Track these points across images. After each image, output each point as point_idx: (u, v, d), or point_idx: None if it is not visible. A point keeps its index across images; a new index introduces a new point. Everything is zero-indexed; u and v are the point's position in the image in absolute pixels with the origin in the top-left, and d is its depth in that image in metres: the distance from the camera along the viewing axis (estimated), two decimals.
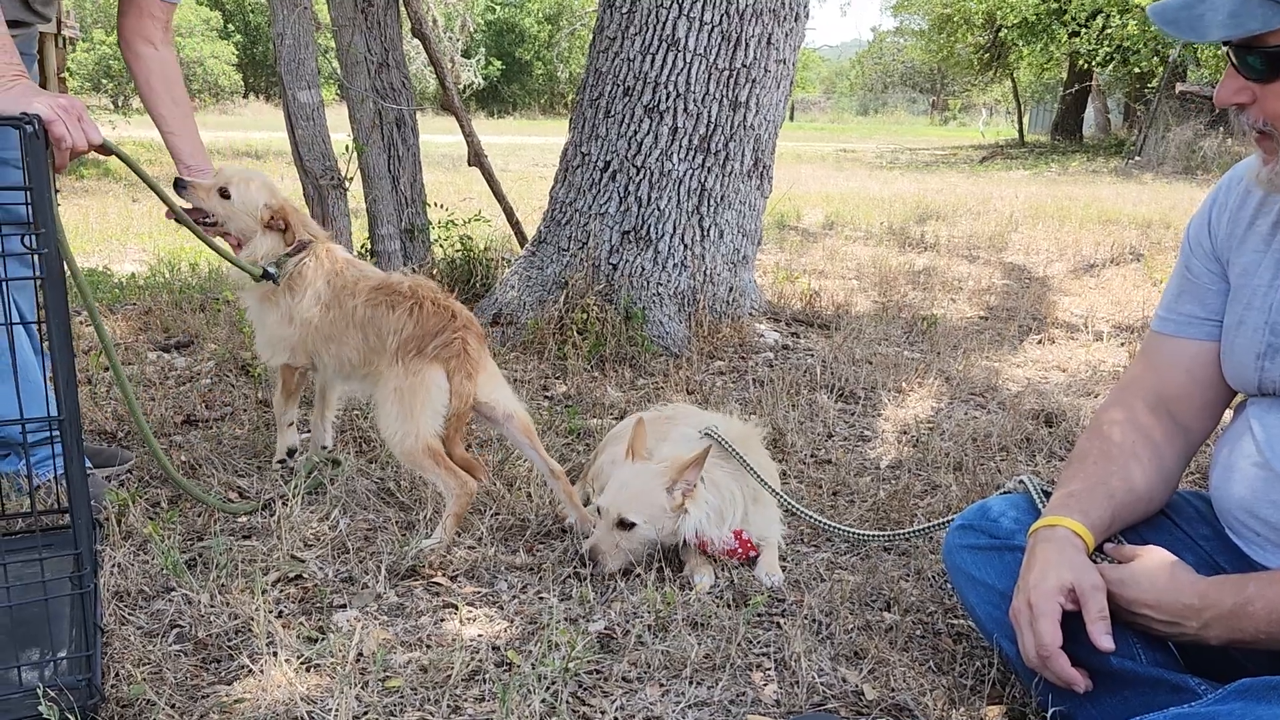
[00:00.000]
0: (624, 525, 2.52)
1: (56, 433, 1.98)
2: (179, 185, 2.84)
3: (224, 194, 2.91)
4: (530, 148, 21.78)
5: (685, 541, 2.57)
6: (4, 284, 1.94)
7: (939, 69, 37.64)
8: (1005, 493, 2.23)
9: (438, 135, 17.85)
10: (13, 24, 2.75)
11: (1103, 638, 1.73)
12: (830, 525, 2.68)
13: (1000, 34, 26.76)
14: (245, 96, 39.06)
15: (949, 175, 18.16)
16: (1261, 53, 1.60)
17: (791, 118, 56.17)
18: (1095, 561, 1.86)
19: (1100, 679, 1.79)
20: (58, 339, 1.77)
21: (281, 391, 3.19)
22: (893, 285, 6.50)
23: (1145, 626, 1.78)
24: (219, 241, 2.93)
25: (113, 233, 8.48)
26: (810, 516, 2.68)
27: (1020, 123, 30.45)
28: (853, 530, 2.68)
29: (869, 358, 4.61)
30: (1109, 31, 21.89)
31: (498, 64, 44.84)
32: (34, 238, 1.71)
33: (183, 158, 2.95)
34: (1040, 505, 2.06)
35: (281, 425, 3.25)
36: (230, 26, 41.45)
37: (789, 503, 2.69)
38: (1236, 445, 1.89)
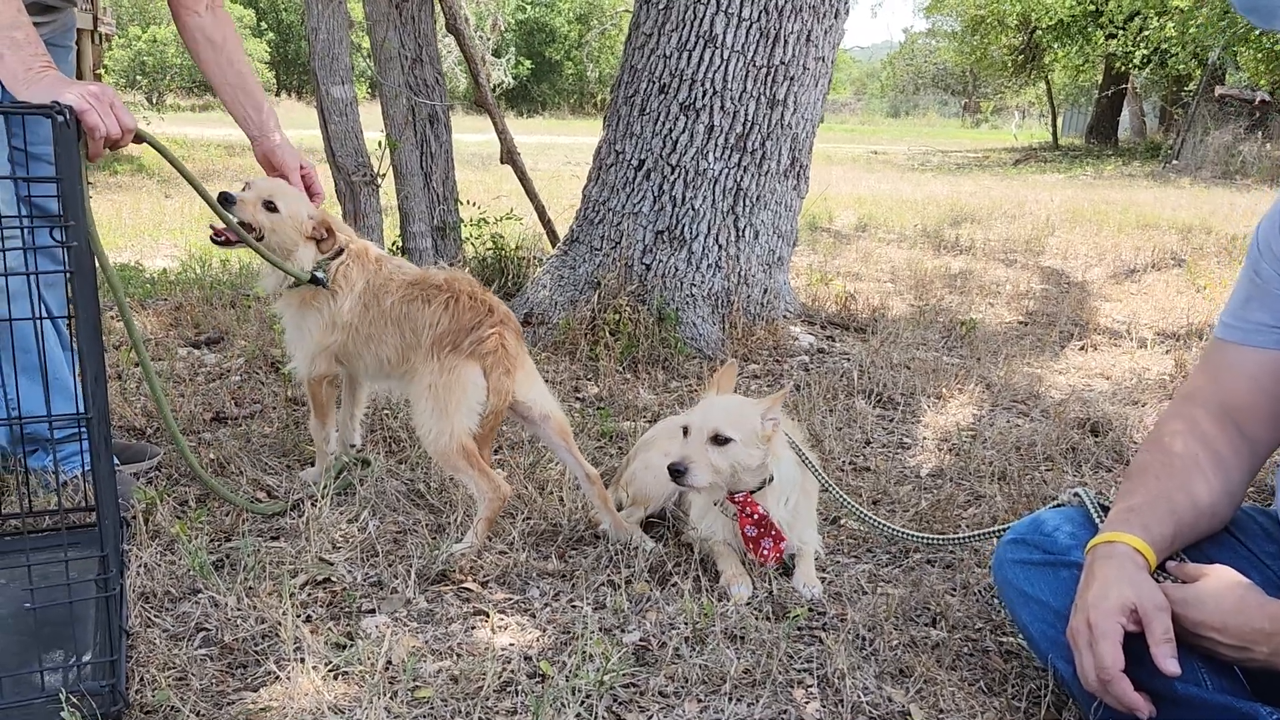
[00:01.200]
0: (718, 440, 2.41)
1: (84, 429, 1.94)
2: (226, 200, 2.75)
3: (270, 207, 2.79)
4: (560, 147, 21.76)
5: (740, 504, 2.49)
6: (31, 278, 1.89)
7: (971, 71, 37.30)
8: (1058, 505, 2.14)
9: (468, 134, 17.86)
10: (44, 8, 2.71)
11: (1168, 661, 1.65)
12: (887, 526, 2.60)
13: (1035, 35, 26.50)
14: (278, 94, 39.31)
15: (982, 178, 17.96)
16: None
17: (822, 119, 55.86)
18: (1158, 580, 1.77)
19: (1163, 705, 1.71)
20: (86, 335, 1.72)
21: (316, 413, 3.06)
22: (929, 288, 6.39)
23: (1211, 650, 1.70)
24: (262, 245, 2.83)
25: (145, 228, 8.50)
26: (863, 514, 2.61)
27: (1054, 126, 30.13)
28: (909, 533, 2.60)
29: (907, 362, 4.52)
30: (1146, 33, 21.59)
31: (528, 63, 44.91)
32: (63, 230, 1.66)
33: (242, 125, 2.85)
34: (1097, 519, 1.98)
35: (321, 452, 3.13)
36: (263, 24, 41.74)
37: (841, 495, 2.61)
38: None
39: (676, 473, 2.42)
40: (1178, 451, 1.94)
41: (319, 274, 2.84)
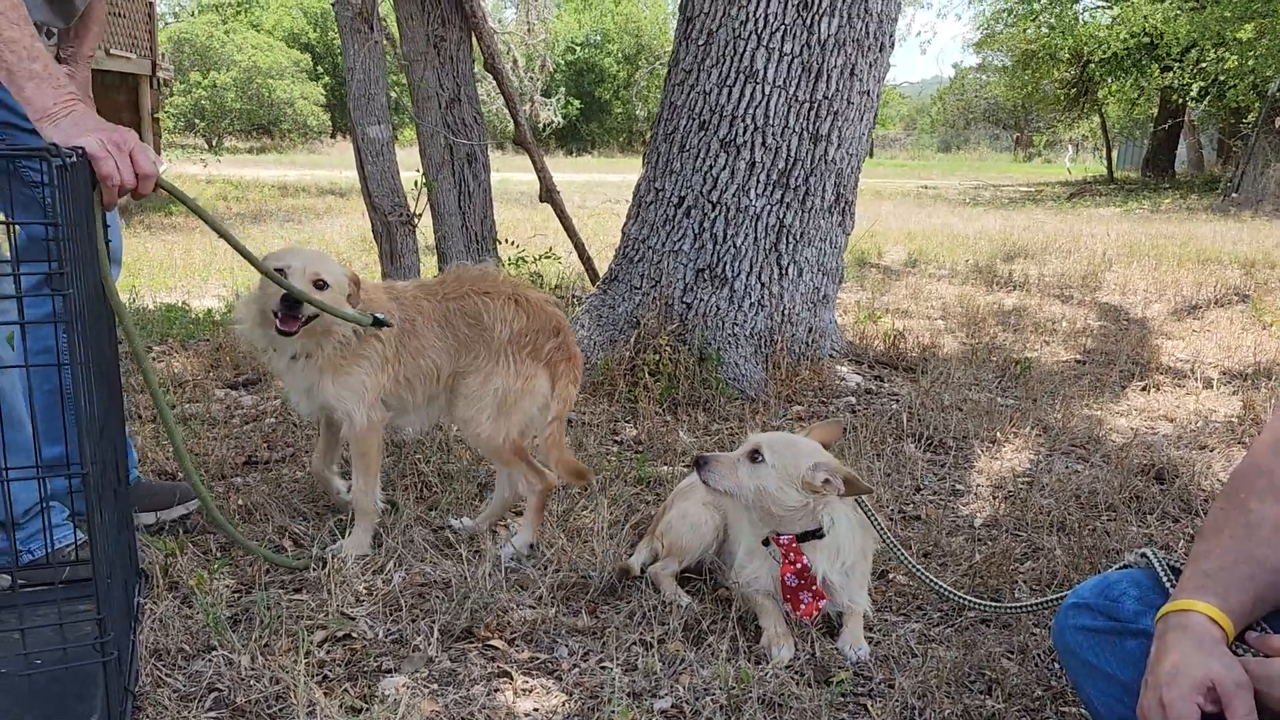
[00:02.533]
0: (754, 458, 2.37)
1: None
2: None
3: (320, 284, 2.63)
4: (608, 185, 21.79)
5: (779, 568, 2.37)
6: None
7: (1023, 105, 36.92)
8: (1124, 567, 1.97)
9: (517, 173, 17.95)
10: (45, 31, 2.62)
11: None
12: (954, 593, 2.44)
13: (1087, 69, 26.17)
14: (333, 136, 40.02)
15: (1035, 212, 17.66)
16: None
17: (871, 154, 55.61)
18: (1237, 654, 1.60)
19: None
20: (83, 384, 1.64)
21: (367, 470, 2.85)
22: (981, 326, 6.20)
23: None
24: (319, 297, 2.63)
25: (195, 268, 8.58)
26: (930, 580, 2.46)
27: (1109, 159, 29.68)
28: (971, 599, 2.44)
29: (959, 404, 4.34)
30: (1203, 65, 21.20)
31: (577, 103, 45.33)
32: (58, 277, 1.58)
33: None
34: (1168, 584, 1.81)
35: (371, 514, 2.87)
36: (319, 69, 42.61)
37: (908, 561, 2.47)
38: None
39: (698, 463, 2.43)
40: (1254, 509, 1.77)
41: (380, 315, 2.73)
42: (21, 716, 1.94)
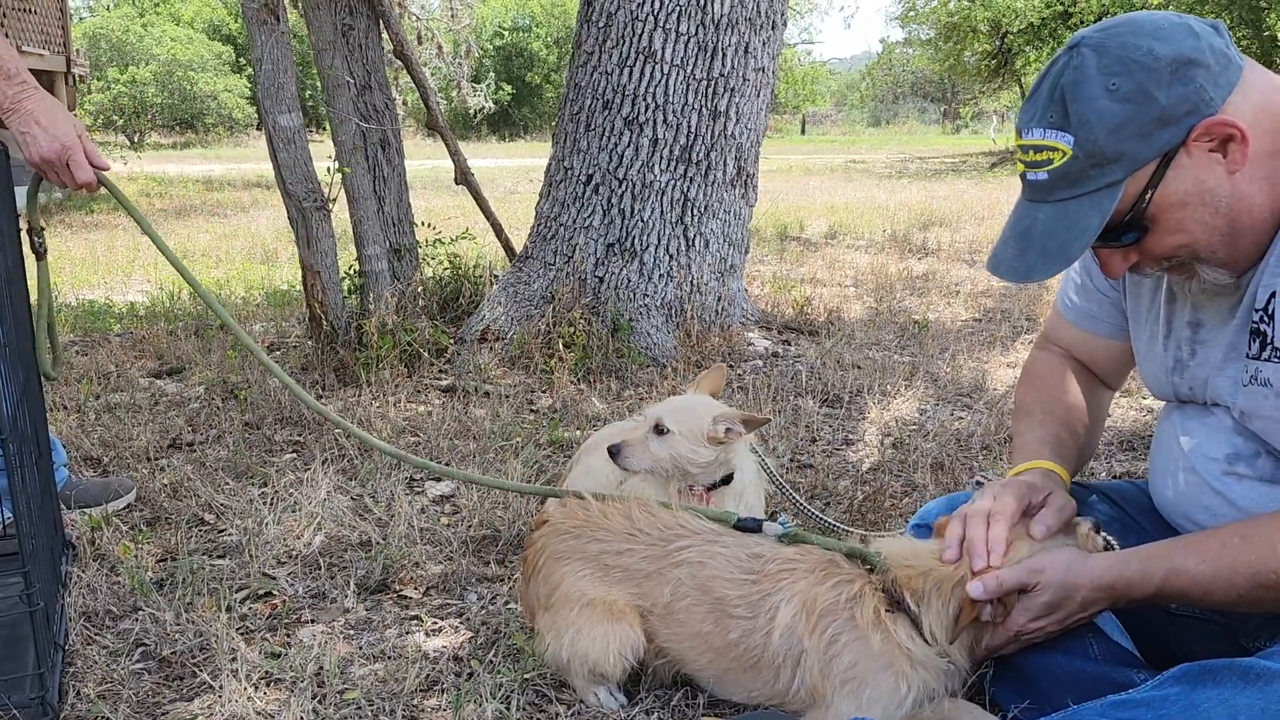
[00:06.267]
0: (659, 430, 2.48)
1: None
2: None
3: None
4: (540, 169, 21.84)
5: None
6: None
7: (947, 78, 37.58)
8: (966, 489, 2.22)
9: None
10: None
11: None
12: (833, 524, 2.68)
13: (1006, 40, 26.74)
14: (259, 128, 39.46)
15: (957, 182, 18.09)
16: (1128, 221, 1.59)
17: (803, 131, 56.13)
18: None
19: (1051, 680, 1.79)
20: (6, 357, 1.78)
21: None
22: (889, 291, 6.47)
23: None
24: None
25: (119, 264, 8.55)
26: (810, 511, 2.70)
27: None
28: (844, 527, 2.68)
29: (858, 362, 4.59)
30: None
31: (508, 88, 45.14)
32: None
33: None
34: None
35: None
36: (242, 61, 41.89)
37: (797, 500, 2.70)
38: (1168, 451, 1.87)
39: (612, 453, 2.51)
40: (1042, 373, 2.14)
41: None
42: None
